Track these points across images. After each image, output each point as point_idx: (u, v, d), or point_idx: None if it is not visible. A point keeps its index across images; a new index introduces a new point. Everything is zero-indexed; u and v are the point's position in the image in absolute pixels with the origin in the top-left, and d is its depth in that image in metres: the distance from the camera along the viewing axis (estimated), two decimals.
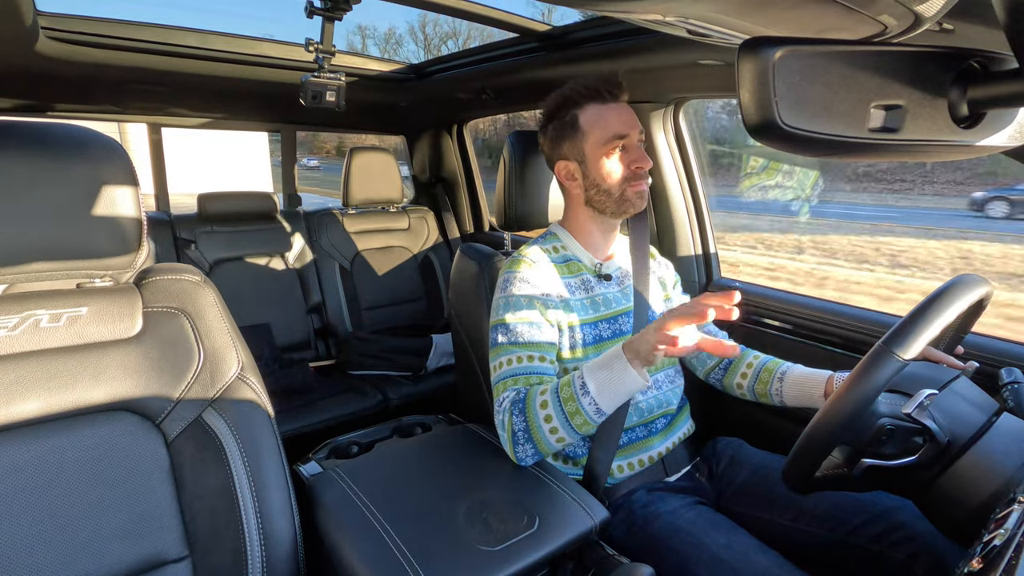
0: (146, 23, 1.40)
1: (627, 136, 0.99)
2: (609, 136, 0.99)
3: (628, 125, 1.00)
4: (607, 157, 1.00)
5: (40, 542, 0.66)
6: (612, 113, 1.00)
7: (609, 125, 0.99)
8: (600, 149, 1.00)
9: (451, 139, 2.51)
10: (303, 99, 1.40)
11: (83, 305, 0.74)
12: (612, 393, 0.85)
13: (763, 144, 0.37)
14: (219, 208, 2.02)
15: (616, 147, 1.00)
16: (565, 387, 0.88)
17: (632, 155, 1.00)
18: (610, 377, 0.84)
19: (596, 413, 0.85)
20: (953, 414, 0.70)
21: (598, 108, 1.01)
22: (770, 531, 0.98)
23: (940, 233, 7.54)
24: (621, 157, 1.00)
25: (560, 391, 0.88)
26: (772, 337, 1.43)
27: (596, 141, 1.00)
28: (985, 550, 0.49)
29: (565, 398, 0.86)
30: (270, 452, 0.79)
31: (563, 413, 0.86)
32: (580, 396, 0.85)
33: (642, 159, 1.00)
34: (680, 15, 0.48)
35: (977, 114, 0.39)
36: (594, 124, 1.00)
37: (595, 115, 1.01)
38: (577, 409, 0.85)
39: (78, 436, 0.70)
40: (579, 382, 0.86)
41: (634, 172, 1.00)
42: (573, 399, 0.86)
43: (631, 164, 1.00)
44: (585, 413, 0.85)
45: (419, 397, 1.90)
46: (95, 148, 0.73)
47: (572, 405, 0.86)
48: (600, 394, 0.84)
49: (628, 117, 1.01)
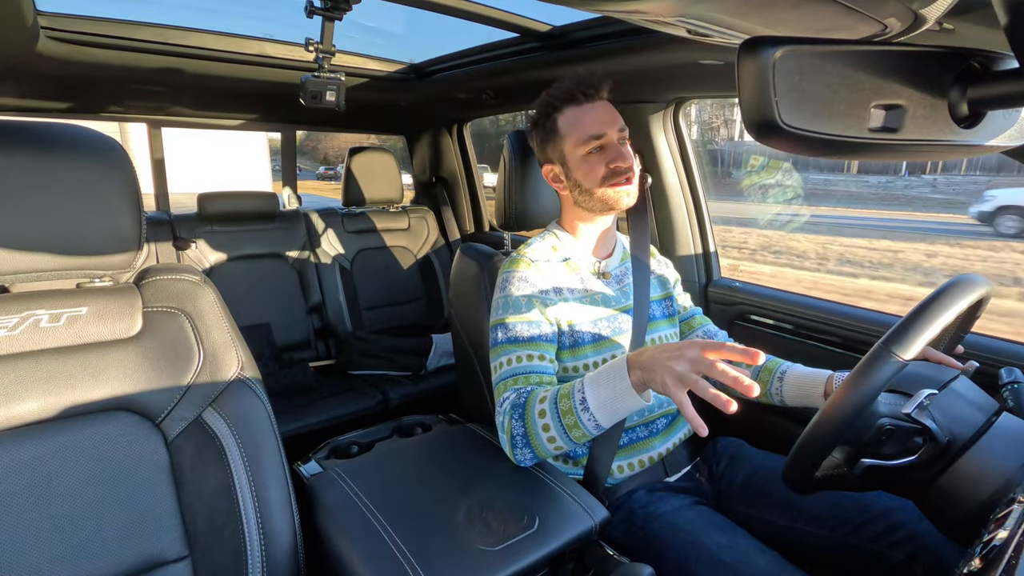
0: (146, 23, 1.40)
1: (604, 135, 0.99)
2: (585, 137, 0.99)
3: (604, 124, 0.99)
4: (585, 157, 1.00)
5: (39, 542, 0.66)
6: (588, 114, 1.00)
7: (585, 126, 0.99)
8: (578, 150, 1.00)
9: (451, 139, 2.51)
10: (303, 99, 1.40)
11: (83, 305, 0.74)
12: (612, 411, 0.82)
13: (763, 144, 0.37)
14: (219, 208, 2.02)
15: (593, 147, 0.99)
16: (564, 399, 0.85)
17: (610, 154, 0.99)
18: (612, 396, 0.81)
19: (595, 428, 0.83)
20: (953, 414, 0.70)
21: (575, 110, 1.00)
22: (770, 531, 0.98)
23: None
24: (599, 157, 0.99)
25: (559, 403, 0.85)
26: (772, 337, 1.43)
27: (574, 143, 1.00)
28: (985, 550, 0.49)
29: (564, 411, 0.84)
30: (270, 452, 0.79)
31: (561, 425, 0.84)
32: (579, 411, 0.83)
33: (619, 157, 0.99)
34: (680, 15, 0.48)
35: (977, 114, 0.39)
36: (571, 126, 1.00)
37: (572, 117, 1.00)
38: (575, 423, 0.83)
39: (78, 436, 0.70)
40: (579, 396, 0.83)
41: (612, 171, 0.99)
42: (572, 412, 0.83)
43: (609, 163, 0.99)
44: (583, 427, 0.83)
45: (419, 397, 1.90)
46: (95, 148, 0.73)
47: (571, 418, 0.83)
48: (600, 411, 0.82)
49: (606, 116, 1.00)
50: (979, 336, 1.08)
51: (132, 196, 0.75)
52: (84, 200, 0.71)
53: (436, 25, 26.62)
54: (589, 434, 0.84)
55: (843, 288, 5.44)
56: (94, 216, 0.72)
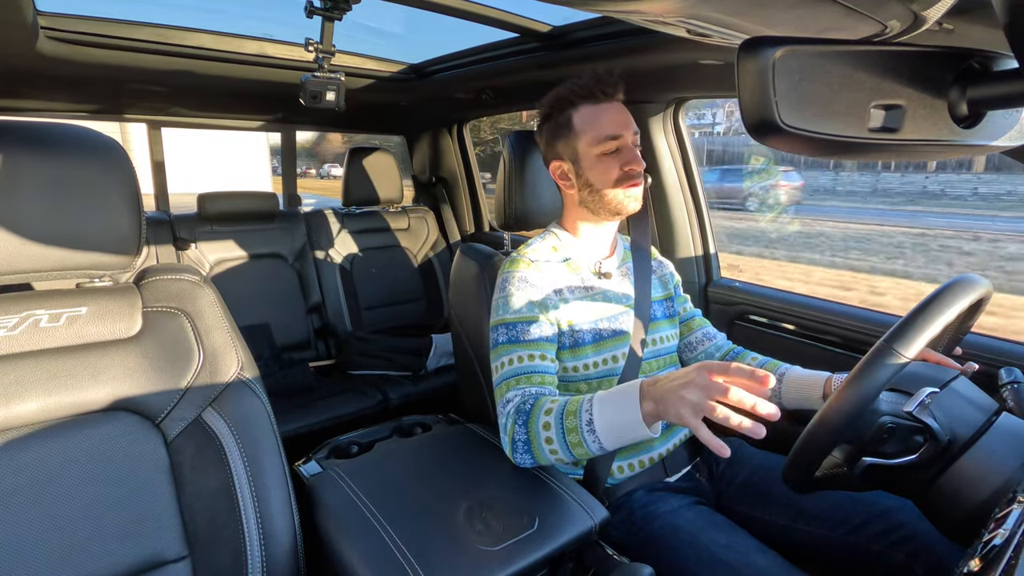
0: (146, 23, 1.40)
1: (620, 137, 0.99)
2: (602, 136, 0.99)
3: (622, 126, 0.99)
4: (600, 157, 0.99)
5: (39, 542, 0.66)
6: (606, 114, 1.00)
7: (602, 125, 0.99)
8: (593, 149, 1.00)
9: (451, 139, 2.51)
10: (303, 99, 1.40)
11: (83, 305, 0.74)
12: (618, 438, 0.82)
13: (763, 144, 0.37)
14: (219, 208, 2.02)
15: (609, 148, 0.99)
16: (571, 416, 0.84)
17: (625, 156, 0.99)
18: (621, 424, 0.80)
19: (599, 450, 0.83)
20: (954, 413, 0.70)
21: (592, 108, 1.00)
22: (770, 531, 0.98)
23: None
24: (614, 158, 0.99)
25: (565, 419, 0.84)
26: (771, 337, 1.43)
27: (589, 141, 1.00)
28: (985, 550, 0.49)
29: (569, 428, 0.84)
30: (270, 452, 0.79)
31: (565, 442, 0.84)
32: (585, 432, 0.82)
33: (634, 160, 0.99)
34: (680, 15, 0.48)
35: (977, 114, 0.39)
36: (587, 124, 1.00)
37: (589, 115, 1.00)
38: (579, 442, 0.83)
39: (78, 436, 0.70)
40: (586, 416, 0.83)
41: (626, 173, 0.99)
42: (577, 431, 0.83)
43: (623, 165, 0.99)
44: (587, 447, 0.83)
45: (419, 397, 1.90)
46: (95, 148, 0.73)
47: (575, 437, 0.83)
48: (605, 434, 0.81)
49: (622, 118, 1.00)
50: (979, 336, 1.08)
51: (132, 196, 0.75)
52: (84, 200, 0.71)
53: (436, 25, 26.69)
54: (592, 454, 0.84)
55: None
56: (94, 216, 0.72)
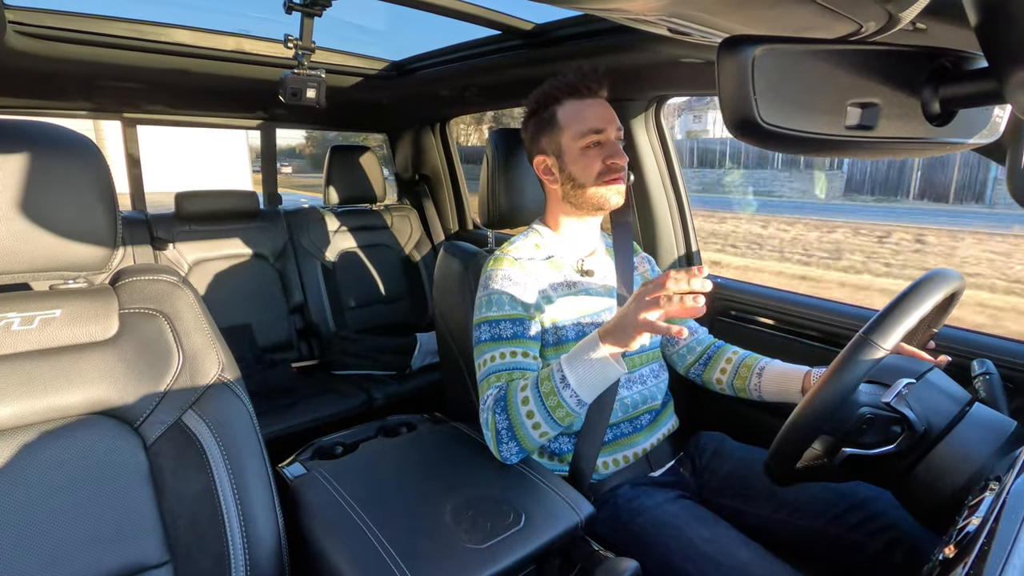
0: (119, 18, 1.36)
1: (603, 131, 1.00)
2: (585, 130, 1.00)
3: (605, 120, 1.00)
4: (583, 151, 1.01)
5: (17, 548, 0.64)
6: (589, 108, 1.01)
7: (586, 119, 1.00)
8: (576, 143, 1.01)
9: (434, 137, 2.49)
10: (282, 96, 1.38)
11: (56, 307, 0.73)
12: (592, 383, 0.85)
13: (743, 141, 0.38)
14: (197, 207, 1.99)
15: (592, 141, 1.00)
16: (545, 381, 0.88)
17: (608, 150, 1.00)
18: (590, 367, 0.84)
19: (578, 404, 0.86)
20: (929, 403, 0.72)
21: (576, 103, 1.01)
22: (752, 523, 1.00)
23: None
24: (597, 151, 1.00)
25: (540, 386, 0.88)
26: (752, 332, 1.45)
27: (572, 135, 1.01)
28: (959, 536, 0.51)
29: (546, 392, 0.87)
30: (252, 454, 0.78)
31: (545, 408, 0.87)
32: (560, 389, 0.86)
33: (617, 155, 1.00)
34: (661, 13, 0.48)
35: (949, 112, 0.40)
36: (571, 118, 1.01)
37: (573, 110, 1.01)
38: (559, 403, 0.86)
39: (54, 442, 0.68)
40: (559, 375, 0.86)
41: (609, 167, 1.00)
42: (554, 393, 0.86)
43: (606, 159, 1.00)
44: (567, 406, 0.86)
45: (404, 396, 1.89)
46: (68, 146, 0.71)
47: (553, 399, 0.86)
48: (580, 385, 0.85)
49: (606, 113, 1.01)
50: (951, 328, 1.10)
51: (106, 194, 0.73)
52: (56, 199, 0.69)
53: (419, 22, 26.47)
54: (573, 412, 0.86)
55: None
56: (66, 215, 0.70)
